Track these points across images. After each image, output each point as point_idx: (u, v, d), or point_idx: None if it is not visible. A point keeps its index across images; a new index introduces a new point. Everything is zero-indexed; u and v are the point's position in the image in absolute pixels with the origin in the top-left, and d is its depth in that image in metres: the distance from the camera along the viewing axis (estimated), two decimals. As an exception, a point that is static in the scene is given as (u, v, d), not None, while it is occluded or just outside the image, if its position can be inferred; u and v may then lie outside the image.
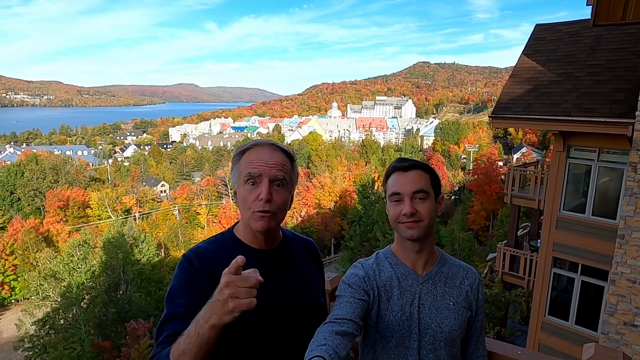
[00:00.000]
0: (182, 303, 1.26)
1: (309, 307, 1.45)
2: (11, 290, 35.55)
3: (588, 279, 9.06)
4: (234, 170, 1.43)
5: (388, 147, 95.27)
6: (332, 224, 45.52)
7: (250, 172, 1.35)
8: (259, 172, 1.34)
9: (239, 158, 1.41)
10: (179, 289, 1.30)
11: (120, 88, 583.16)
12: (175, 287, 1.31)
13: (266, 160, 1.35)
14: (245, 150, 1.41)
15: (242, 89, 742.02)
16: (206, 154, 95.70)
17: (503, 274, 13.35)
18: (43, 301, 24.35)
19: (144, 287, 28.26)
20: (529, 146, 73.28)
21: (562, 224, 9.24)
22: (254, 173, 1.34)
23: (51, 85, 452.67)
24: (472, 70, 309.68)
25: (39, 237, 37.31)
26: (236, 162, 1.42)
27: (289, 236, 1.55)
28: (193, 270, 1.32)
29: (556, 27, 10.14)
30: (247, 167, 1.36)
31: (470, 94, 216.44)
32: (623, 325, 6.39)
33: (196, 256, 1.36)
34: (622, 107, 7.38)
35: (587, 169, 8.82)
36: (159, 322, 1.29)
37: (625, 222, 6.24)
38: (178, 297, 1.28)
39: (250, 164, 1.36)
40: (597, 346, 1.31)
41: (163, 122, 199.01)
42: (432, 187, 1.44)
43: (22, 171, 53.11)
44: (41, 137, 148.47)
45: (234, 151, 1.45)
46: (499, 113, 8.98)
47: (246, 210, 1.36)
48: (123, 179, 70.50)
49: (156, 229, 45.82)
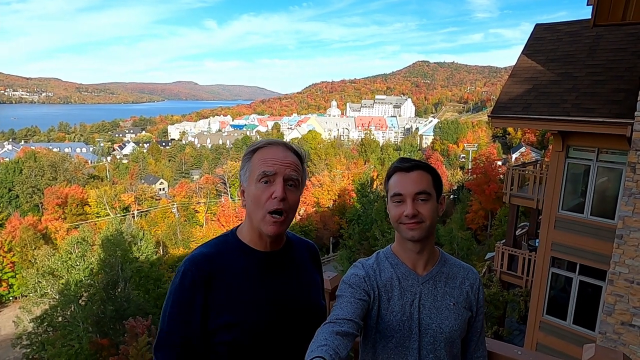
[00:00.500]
0: (176, 332, 1.27)
1: (311, 309, 1.45)
2: (9, 287, 35.56)
3: (586, 278, 9.08)
4: (244, 168, 1.39)
5: (387, 146, 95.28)
6: (331, 222, 45.58)
7: (265, 171, 1.32)
8: (274, 171, 1.31)
9: (251, 156, 1.38)
10: (170, 315, 1.29)
11: (119, 85, 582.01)
12: (167, 312, 1.30)
13: (281, 159, 1.33)
14: (257, 148, 1.38)
15: (242, 87, 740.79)
16: (205, 152, 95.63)
17: (501, 273, 13.37)
18: (41, 298, 24.34)
19: (142, 285, 28.26)
20: (528, 146, 73.35)
21: (560, 223, 9.25)
22: (269, 171, 1.31)
23: (50, 82, 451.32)
24: (471, 70, 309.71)
25: (37, 235, 37.26)
26: (247, 160, 1.38)
27: (291, 238, 1.53)
28: (187, 294, 1.28)
29: (556, 27, 10.13)
30: (261, 165, 1.33)
31: (470, 93, 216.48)
32: (621, 325, 6.41)
33: (195, 268, 1.31)
34: (621, 108, 7.39)
35: (585, 169, 8.82)
36: (155, 342, 1.31)
37: (624, 222, 6.25)
38: (170, 323, 1.28)
39: (264, 162, 1.33)
40: (597, 347, 1.31)
41: (162, 119, 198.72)
42: (434, 188, 1.43)
43: (20, 168, 53.05)
44: (40, 134, 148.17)
45: (245, 149, 1.41)
46: (498, 113, 8.98)
47: (258, 210, 1.33)
48: (122, 177, 70.47)
49: (155, 226, 45.80)
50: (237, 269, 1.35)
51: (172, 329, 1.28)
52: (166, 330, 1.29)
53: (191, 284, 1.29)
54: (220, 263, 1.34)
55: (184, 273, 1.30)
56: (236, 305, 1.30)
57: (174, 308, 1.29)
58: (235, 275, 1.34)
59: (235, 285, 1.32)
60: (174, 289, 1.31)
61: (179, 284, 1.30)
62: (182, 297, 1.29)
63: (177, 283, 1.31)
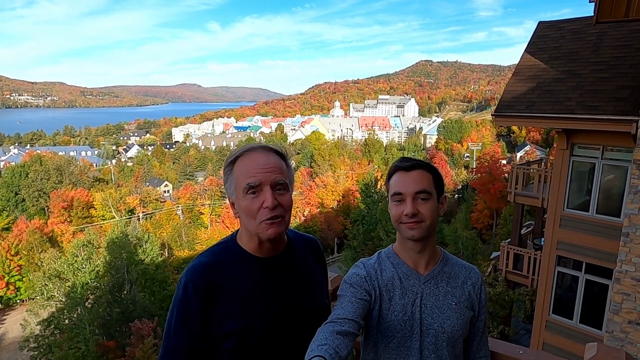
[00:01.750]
0: (181, 345, 1.28)
1: (313, 309, 1.44)
2: (16, 290, 35.78)
3: (592, 277, 9.01)
4: (228, 181, 1.35)
5: (391, 146, 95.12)
6: (335, 223, 45.54)
7: (249, 183, 1.28)
8: (259, 180, 1.28)
9: (232, 168, 1.34)
10: (175, 327, 1.29)
11: (124, 89, 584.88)
12: (172, 324, 1.30)
13: (263, 166, 1.29)
14: (236, 158, 1.34)
15: (245, 88, 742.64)
16: (209, 154, 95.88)
17: (507, 272, 13.31)
18: (48, 301, 24.46)
19: (148, 287, 28.37)
20: (532, 144, 73.05)
21: (566, 222, 9.19)
22: (254, 182, 1.28)
23: (55, 87, 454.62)
24: (475, 69, 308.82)
25: (44, 238, 37.49)
26: (229, 172, 1.34)
27: (292, 237, 1.51)
28: (189, 305, 1.28)
29: (559, 25, 10.08)
30: (244, 177, 1.29)
31: (473, 92, 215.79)
32: (628, 324, 6.36)
33: (196, 278, 1.30)
34: (626, 105, 7.34)
35: (591, 166, 8.77)
36: (161, 354, 1.32)
37: (630, 220, 6.21)
38: (175, 335, 1.29)
39: (247, 173, 1.29)
40: (599, 346, 1.30)
41: (166, 122, 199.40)
42: (435, 187, 1.43)
43: (26, 172, 53.35)
44: (45, 138, 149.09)
45: (225, 161, 1.36)
46: (502, 111, 8.94)
47: (251, 221, 1.30)
48: (126, 179, 70.70)
49: (160, 229, 45.97)
50: (238, 276, 1.34)
51: (177, 342, 1.28)
52: (173, 343, 1.29)
53: (193, 295, 1.28)
54: (221, 272, 1.32)
55: (185, 284, 1.30)
56: (239, 313, 1.30)
57: (178, 320, 1.29)
58: (237, 283, 1.33)
59: (237, 293, 1.31)
60: (176, 300, 1.31)
61: (182, 295, 1.29)
62: (185, 308, 1.28)
63: (179, 295, 1.30)
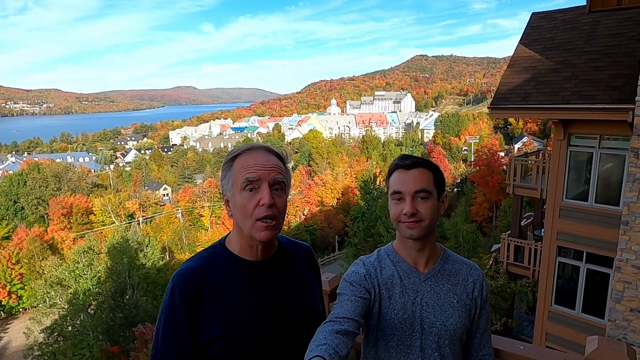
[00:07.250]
0: (169, 351, 1.26)
1: (306, 315, 1.41)
2: (18, 299, 35.75)
3: (593, 266, 9.04)
4: (226, 177, 1.33)
5: (389, 142, 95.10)
6: (335, 220, 45.59)
7: (248, 177, 1.26)
8: (258, 176, 1.26)
9: (231, 164, 1.32)
10: (163, 334, 1.28)
11: (119, 93, 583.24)
12: (160, 331, 1.29)
13: (263, 164, 1.28)
14: (237, 155, 1.33)
15: (241, 89, 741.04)
16: (207, 156, 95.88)
17: (508, 264, 13.33)
18: (50, 309, 24.48)
19: (150, 291, 28.41)
20: (530, 135, 73.05)
21: (565, 212, 9.21)
22: (253, 178, 1.26)
23: (50, 93, 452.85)
24: (470, 62, 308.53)
25: (44, 245, 37.44)
26: (228, 168, 1.33)
27: (284, 243, 1.49)
28: (177, 311, 1.26)
29: (552, 15, 10.08)
30: (243, 172, 1.27)
31: (469, 85, 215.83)
32: (630, 312, 6.37)
33: (183, 283, 1.28)
34: (621, 93, 7.34)
35: (588, 156, 8.77)
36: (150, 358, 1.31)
37: (629, 209, 6.21)
38: (164, 342, 1.27)
39: (246, 168, 1.27)
40: (600, 339, 1.29)
41: (163, 125, 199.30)
42: (435, 185, 1.41)
43: (24, 180, 53.24)
44: (42, 145, 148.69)
45: (225, 158, 1.35)
46: (498, 104, 8.94)
47: (247, 219, 1.28)
48: (125, 184, 70.57)
49: (160, 232, 45.93)
50: (226, 280, 1.31)
51: (166, 349, 1.26)
52: (161, 351, 1.27)
53: (180, 300, 1.25)
54: (209, 276, 1.30)
55: (172, 290, 1.28)
56: (227, 318, 1.27)
57: (167, 327, 1.27)
58: (225, 288, 1.30)
59: (225, 297, 1.29)
60: (164, 307, 1.29)
61: (169, 301, 1.28)
62: (172, 315, 1.27)
63: (167, 301, 1.28)
